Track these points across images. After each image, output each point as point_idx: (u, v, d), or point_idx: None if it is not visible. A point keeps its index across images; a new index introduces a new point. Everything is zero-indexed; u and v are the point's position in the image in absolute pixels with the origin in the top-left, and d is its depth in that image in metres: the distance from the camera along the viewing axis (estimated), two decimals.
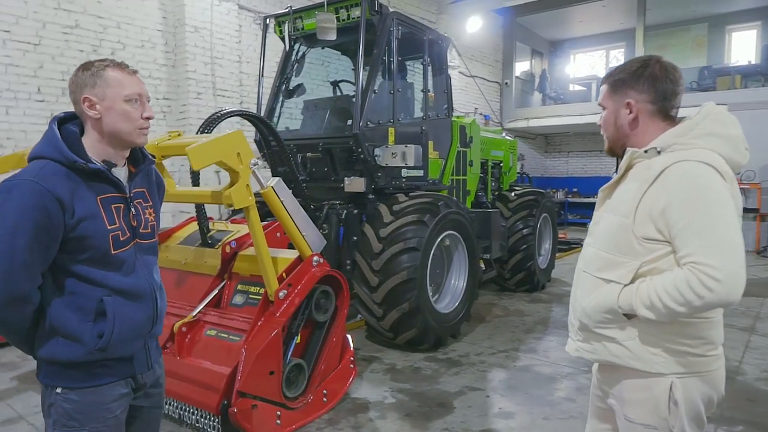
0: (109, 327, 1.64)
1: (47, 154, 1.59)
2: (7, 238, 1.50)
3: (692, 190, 1.51)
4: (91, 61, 1.68)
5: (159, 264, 4.00)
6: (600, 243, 1.70)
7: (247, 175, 3.02)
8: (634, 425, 1.65)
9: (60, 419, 1.64)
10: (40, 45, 6.07)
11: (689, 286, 1.44)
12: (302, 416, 3.38)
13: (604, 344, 1.67)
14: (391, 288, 4.40)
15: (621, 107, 1.71)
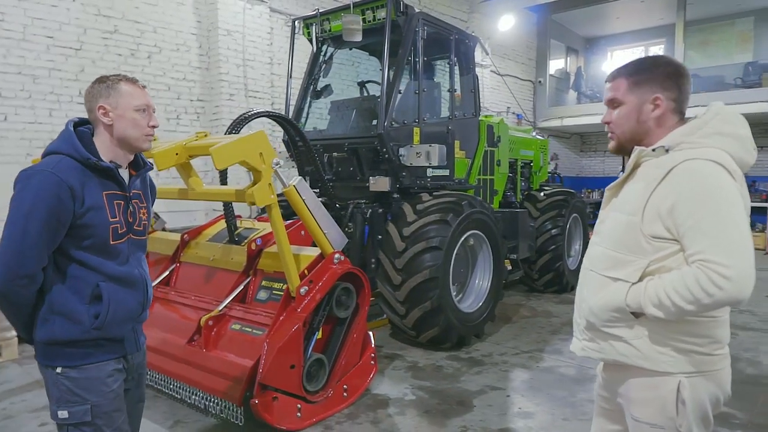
0: (104, 309, 1.81)
1: (64, 150, 1.78)
2: (22, 220, 1.69)
3: (701, 188, 1.50)
4: (106, 75, 1.90)
5: (189, 260, 4.17)
6: (607, 242, 1.69)
7: (269, 174, 3.11)
8: (641, 424, 1.65)
9: (63, 396, 1.80)
10: (81, 50, 6.34)
11: (699, 285, 1.43)
12: (322, 410, 3.46)
13: (611, 343, 1.66)
14: (413, 286, 4.44)
15: (645, 103, 1.67)
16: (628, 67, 1.73)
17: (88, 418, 1.81)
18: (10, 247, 1.70)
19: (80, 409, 1.81)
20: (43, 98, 6.07)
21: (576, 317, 1.82)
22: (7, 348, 4.66)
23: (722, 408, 3.32)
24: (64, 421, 1.81)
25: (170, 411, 3.58)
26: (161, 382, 3.64)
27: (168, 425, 3.39)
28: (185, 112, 7.41)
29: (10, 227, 1.71)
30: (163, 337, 3.72)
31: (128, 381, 1.99)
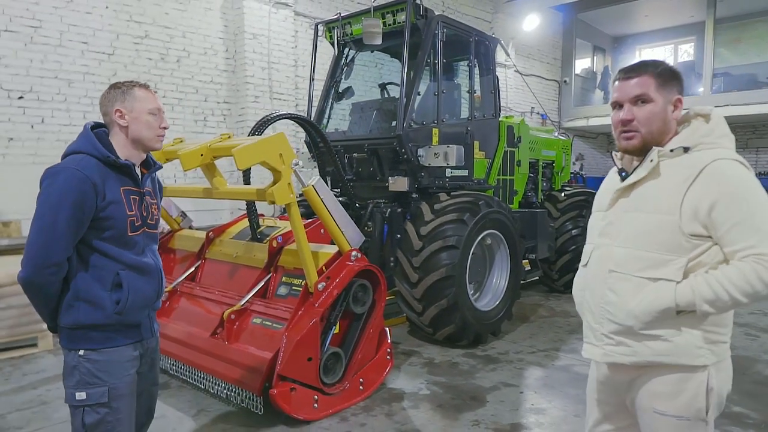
0: (125, 295, 1.95)
1: (85, 149, 1.94)
2: (51, 212, 1.84)
3: (740, 187, 1.56)
4: (119, 81, 2.08)
5: (214, 257, 4.35)
6: (637, 242, 1.67)
7: (289, 174, 3.25)
8: (667, 417, 1.66)
9: (83, 378, 1.92)
10: (114, 54, 6.61)
11: (759, 278, 1.49)
12: (339, 402, 3.58)
13: (647, 344, 1.65)
14: (430, 284, 4.53)
15: (669, 103, 1.69)
16: (649, 65, 1.71)
17: (105, 399, 1.93)
18: (39, 238, 1.85)
19: (98, 391, 1.93)
20: (77, 101, 6.36)
21: (591, 323, 1.79)
22: (43, 339, 4.91)
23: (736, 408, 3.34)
24: (82, 402, 1.92)
25: (194, 400, 3.74)
26: (186, 373, 3.82)
27: (192, 413, 3.55)
28: (212, 113, 7.64)
29: (39, 220, 1.86)
30: (189, 329, 3.90)
31: (142, 365, 2.12)
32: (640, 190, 1.71)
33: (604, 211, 1.81)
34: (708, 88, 13.59)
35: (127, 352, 2.03)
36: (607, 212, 1.79)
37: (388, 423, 3.42)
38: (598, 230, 1.81)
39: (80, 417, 1.93)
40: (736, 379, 4.10)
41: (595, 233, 1.82)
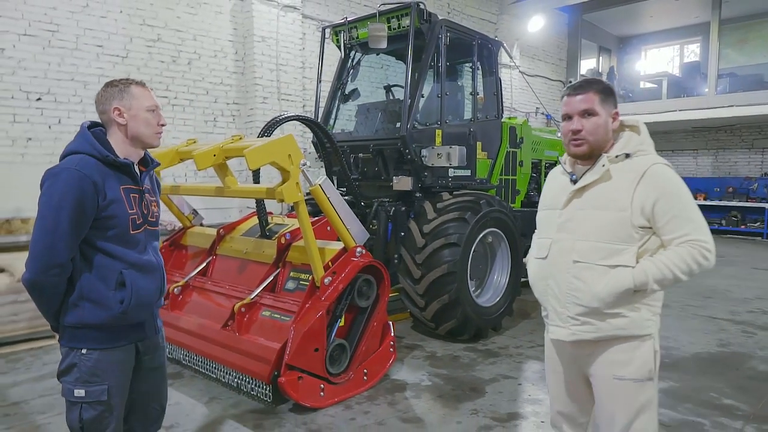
0: (128, 294, 1.97)
1: (83, 149, 1.95)
2: (53, 213, 1.85)
3: (675, 186, 1.90)
4: (115, 79, 2.07)
5: (224, 253, 4.52)
6: (596, 235, 1.92)
7: (297, 174, 3.42)
8: (624, 382, 1.95)
9: (83, 376, 1.95)
10: (128, 57, 6.82)
11: (694, 259, 1.83)
12: (343, 391, 3.75)
13: (609, 321, 1.93)
14: (432, 280, 4.69)
15: (609, 116, 1.97)
16: (591, 83, 1.98)
17: (105, 397, 1.96)
18: (42, 239, 1.86)
19: (98, 389, 1.95)
20: (92, 103, 6.49)
21: (556, 307, 2.02)
22: None
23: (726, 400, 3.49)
24: (80, 399, 1.95)
25: (206, 389, 3.92)
26: (198, 363, 4.00)
27: (204, 401, 3.74)
28: (222, 114, 7.84)
29: (42, 221, 1.87)
30: (201, 322, 4.07)
31: (148, 361, 2.16)
32: (594, 191, 1.96)
33: (559, 209, 2.04)
34: (713, 89, 13.64)
35: (128, 353, 2.07)
36: (562, 210, 2.03)
37: (391, 411, 3.59)
38: (554, 226, 2.04)
39: (78, 412, 1.96)
40: (730, 374, 4.27)
41: (552, 229, 2.05)
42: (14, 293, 4.82)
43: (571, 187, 2.01)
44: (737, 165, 15.32)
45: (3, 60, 5.87)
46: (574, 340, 1.99)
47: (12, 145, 5.98)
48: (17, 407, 3.65)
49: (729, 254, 11.13)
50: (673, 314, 6.16)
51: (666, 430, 3.32)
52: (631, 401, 1.95)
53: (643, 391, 1.95)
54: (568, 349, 2.09)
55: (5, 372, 4.30)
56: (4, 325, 4.79)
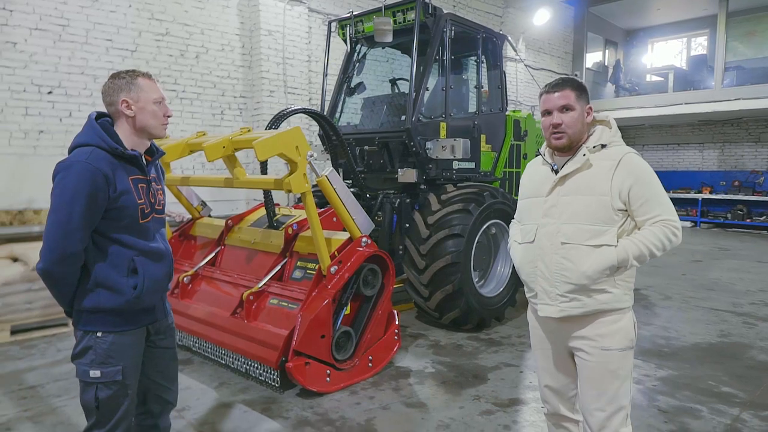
0: (140, 280, 2.06)
1: (93, 141, 1.99)
2: (66, 206, 1.91)
3: (647, 173, 2.10)
4: (121, 71, 2.11)
5: (233, 243, 4.61)
6: (581, 219, 2.10)
7: (304, 165, 3.50)
8: (611, 352, 2.12)
9: (98, 358, 2.03)
10: (137, 51, 6.91)
11: (666, 236, 2.05)
12: (349, 377, 3.85)
13: (595, 297, 2.10)
14: (436, 270, 4.78)
15: (584, 111, 2.17)
16: (567, 82, 2.17)
17: (119, 377, 2.05)
18: (57, 230, 1.92)
19: (113, 370, 2.04)
20: None
21: (545, 287, 2.17)
22: None
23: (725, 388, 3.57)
24: (96, 379, 2.02)
25: (215, 374, 4.04)
26: (208, 350, 4.11)
27: (214, 386, 3.85)
28: (229, 107, 7.93)
29: (55, 213, 1.92)
30: (210, 310, 4.18)
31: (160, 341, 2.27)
32: (575, 178, 2.14)
33: (543, 197, 2.20)
34: (719, 82, 13.59)
35: (140, 335, 2.16)
36: (547, 197, 2.19)
37: (395, 396, 3.68)
38: (540, 212, 2.20)
39: (93, 392, 2.04)
40: (729, 363, 4.34)
41: (537, 215, 2.21)
42: (28, 282, 4.94)
43: (554, 176, 2.18)
44: (743, 158, 15.28)
45: (15, 54, 5.98)
46: (563, 316, 2.15)
47: (24, 137, 6.10)
48: (33, 391, 3.77)
49: (733, 248, 11.14)
50: (675, 306, 6.23)
51: (664, 416, 3.40)
52: (617, 369, 2.12)
53: (627, 360, 2.15)
54: (555, 326, 2.23)
55: (21, 357, 4.43)
56: (19, 312, 4.92)
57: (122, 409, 2.11)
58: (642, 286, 7.23)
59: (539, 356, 2.38)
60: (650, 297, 6.64)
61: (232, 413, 3.45)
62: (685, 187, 15.73)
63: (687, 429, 3.23)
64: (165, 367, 2.35)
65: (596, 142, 2.14)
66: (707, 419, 3.36)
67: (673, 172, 16.31)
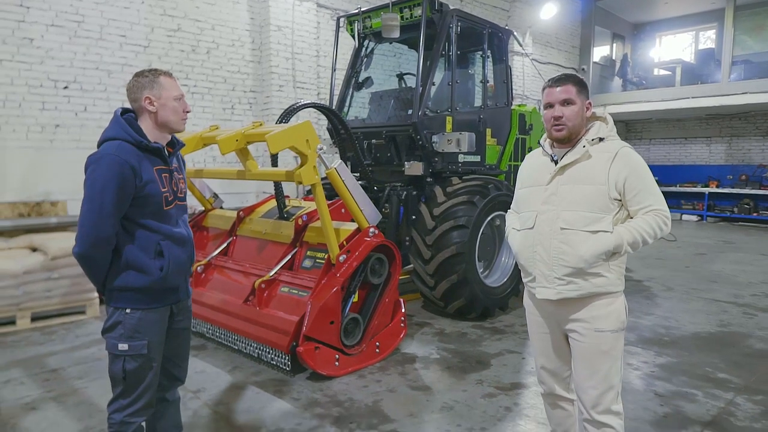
0: (166, 263, 2.23)
1: (120, 136, 2.17)
2: (98, 195, 2.08)
3: (641, 166, 2.24)
4: (144, 70, 2.28)
5: (244, 233, 4.76)
6: (580, 206, 2.23)
7: (314, 158, 3.65)
8: (604, 333, 2.26)
9: (126, 332, 2.20)
10: (149, 47, 7.07)
11: (658, 225, 2.18)
12: (357, 362, 4.01)
13: (590, 281, 2.22)
14: (441, 261, 4.91)
15: (583, 105, 2.29)
16: (569, 77, 2.30)
17: (145, 351, 2.22)
18: (90, 217, 2.09)
19: (139, 344, 2.21)
20: (116, 91, 6.83)
21: (544, 271, 2.29)
22: (90, 307, 5.43)
23: (720, 374, 3.69)
24: (124, 352, 2.20)
25: (229, 359, 4.20)
26: (221, 336, 4.27)
27: (227, 370, 4.01)
28: (239, 102, 8.08)
29: (89, 202, 2.09)
30: (223, 297, 4.34)
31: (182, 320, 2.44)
32: (575, 168, 2.27)
33: (544, 186, 2.33)
34: (726, 76, 13.58)
35: (165, 313, 2.32)
36: (547, 186, 2.33)
37: (401, 380, 3.83)
38: (540, 200, 2.33)
39: (121, 364, 2.22)
40: (727, 351, 4.46)
41: (537, 202, 2.34)
42: (48, 270, 5.12)
43: (554, 166, 2.31)
44: (751, 152, 15.27)
45: (32, 50, 6.14)
46: (560, 298, 2.28)
47: (41, 131, 6.27)
48: (56, 373, 3.95)
49: (738, 241, 11.20)
50: (677, 297, 6.33)
51: (660, 399, 3.53)
52: (609, 350, 2.25)
53: (618, 341, 2.28)
54: (552, 309, 2.35)
55: (42, 343, 4.61)
56: (38, 300, 5.10)
57: (147, 381, 2.28)
58: (645, 277, 7.34)
59: (535, 339, 2.51)
60: (653, 288, 6.75)
61: (245, 394, 3.61)
62: (692, 181, 15.76)
63: (681, 412, 3.36)
64: (179, 346, 2.52)
65: (595, 135, 2.27)
66: (701, 403, 3.49)
67: (681, 166, 16.32)
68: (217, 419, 3.27)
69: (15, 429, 3.12)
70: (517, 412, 3.38)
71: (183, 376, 2.60)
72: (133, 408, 2.27)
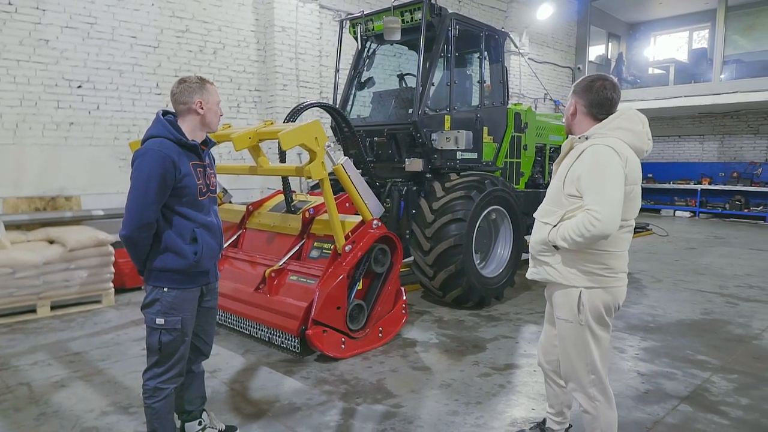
0: (200, 248, 2.50)
1: (162, 134, 2.45)
2: (143, 184, 2.36)
3: (597, 164, 2.28)
4: (189, 76, 2.58)
5: (253, 226, 5.02)
6: (546, 199, 2.51)
7: (322, 154, 3.91)
8: (560, 321, 2.50)
9: (163, 309, 2.48)
10: (159, 47, 7.32)
11: (583, 224, 2.21)
12: (361, 345, 4.29)
13: (544, 267, 2.48)
14: (440, 252, 5.20)
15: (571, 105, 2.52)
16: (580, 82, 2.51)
17: (179, 326, 2.50)
18: (136, 204, 2.36)
19: (174, 319, 2.48)
20: (127, 90, 7.09)
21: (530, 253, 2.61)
22: (106, 297, 5.70)
23: (700, 356, 3.97)
24: (161, 326, 2.47)
25: (241, 343, 4.49)
26: (233, 322, 4.54)
27: (241, 352, 4.30)
28: (244, 101, 8.34)
29: (135, 191, 2.37)
30: (235, 286, 4.61)
31: (210, 300, 2.73)
32: (562, 164, 2.51)
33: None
34: (718, 76, 13.88)
35: (196, 293, 2.60)
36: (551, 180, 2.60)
37: (403, 362, 4.12)
38: None
39: (158, 336, 2.48)
40: (708, 336, 4.75)
41: None
42: (66, 261, 5.39)
43: None
44: (742, 150, 15.58)
45: (48, 50, 6.40)
46: (530, 278, 2.60)
47: (56, 129, 6.53)
48: (79, 356, 4.23)
49: (728, 236, 11.51)
50: (665, 288, 6.63)
51: (642, 378, 3.82)
52: (565, 337, 2.49)
53: (574, 332, 2.43)
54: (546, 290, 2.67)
55: (63, 329, 4.89)
56: (58, 290, 5.37)
57: (179, 353, 2.56)
58: (636, 270, 7.63)
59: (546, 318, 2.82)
60: (642, 280, 7.05)
61: (258, 374, 3.89)
62: (685, 178, 16.08)
63: (661, 389, 3.65)
64: (206, 323, 2.81)
65: (581, 133, 2.41)
66: (680, 380, 3.78)
67: (674, 164, 16.63)
68: (234, 395, 3.55)
69: (48, 404, 3.40)
70: (510, 388, 3.66)
71: (208, 350, 2.88)
72: (166, 376, 2.55)
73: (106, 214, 6.65)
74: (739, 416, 3.27)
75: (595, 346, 2.42)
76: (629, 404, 3.41)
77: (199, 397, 2.93)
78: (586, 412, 2.51)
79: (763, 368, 4.05)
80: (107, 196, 6.76)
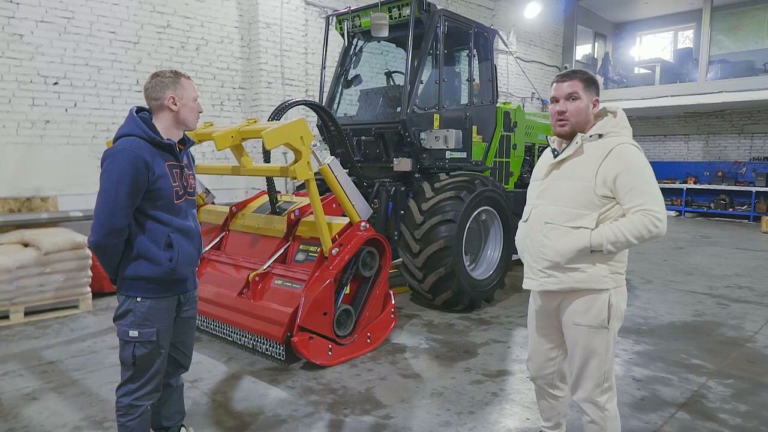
0: (175, 254, 2.34)
1: (134, 132, 2.28)
2: (113, 187, 2.19)
3: (635, 163, 2.20)
4: (163, 70, 2.39)
5: (237, 228, 4.84)
6: (564, 201, 2.29)
7: (308, 154, 3.76)
8: (581, 327, 2.33)
9: (137, 320, 2.32)
10: (139, 43, 7.10)
11: (645, 225, 2.13)
12: (349, 352, 4.14)
13: (569, 275, 2.28)
14: (429, 254, 5.07)
15: (590, 102, 2.34)
16: (577, 73, 2.34)
17: (154, 338, 2.34)
18: (105, 208, 2.20)
19: (149, 331, 2.32)
20: (106, 87, 6.86)
21: (530, 262, 2.42)
22: (83, 302, 5.49)
23: (694, 360, 3.88)
24: (134, 339, 2.31)
25: (224, 350, 4.32)
26: (216, 328, 4.37)
27: (223, 360, 4.13)
28: (228, 99, 8.14)
29: (104, 194, 2.21)
30: (217, 291, 4.44)
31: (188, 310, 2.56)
32: (568, 164, 2.34)
33: (541, 180, 2.43)
34: (703, 75, 13.94)
35: (172, 302, 2.44)
36: (543, 181, 2.42)
37: (392, 369, 3.98)
38: (535, 194, 2.44)
39: (131, 350, 2.33)
40: (701, 339, 4.66)
41: (533, 196, 2.44)
42: (41, 266, 5.17)
43: (552, 161, 2.38)
44: (727, 150, 15.69)
45: (22, 45, 6.15)
46: (541, 290, 2.40)
47: (31, 127, 6.28)
48: (53, 366, 4.03)
49: (714, 235, 11.55)
50: (656, 289, 6.58)
51: (637, 384, 3.73)
52: (586, 345, 2.33)
53: (597, 337, 2.31)
54: (540, 302, 2.50)
55: (37, 337, 4.68)
56: (32, 295, 5.15)
57: (155, 367, 2.39)
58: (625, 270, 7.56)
59: (530, 331, 2.64)
60: (632, 281, 6.99)
61: (242, 383, 3.73)
62: (671, 178, 16.15)
63: (657, 395, 3.56)
64: (184, 334, 2.64)
65: (594, 131, 2.27)
66: (676, 386, 3.69)
67: (660, 163, 16.69)
68: (215, 407, 3.38)
69: (17, 418, 3.21)
70: (503, 396, 3.55)
71: (187, 363, 2.72)
72: (141, 392, 2.39)
73: (84, 215, 6.42)
74: (739, 424, 3.18)
75: (613, 351, 2.36)
76: (626, 412, 3.31)
77: (178, 413, 2.77)
78: (592, 423, 2.39)
79: (759, 372, 3.98)
80: (85, 196, 6.52)
